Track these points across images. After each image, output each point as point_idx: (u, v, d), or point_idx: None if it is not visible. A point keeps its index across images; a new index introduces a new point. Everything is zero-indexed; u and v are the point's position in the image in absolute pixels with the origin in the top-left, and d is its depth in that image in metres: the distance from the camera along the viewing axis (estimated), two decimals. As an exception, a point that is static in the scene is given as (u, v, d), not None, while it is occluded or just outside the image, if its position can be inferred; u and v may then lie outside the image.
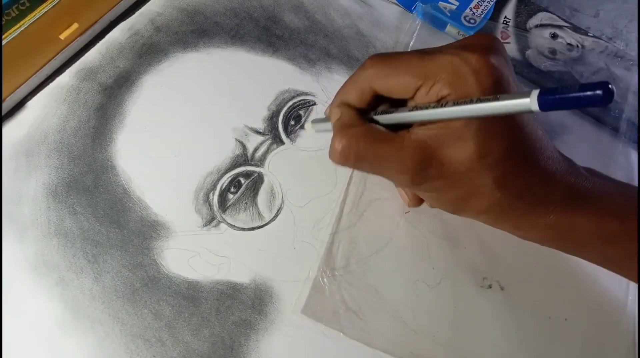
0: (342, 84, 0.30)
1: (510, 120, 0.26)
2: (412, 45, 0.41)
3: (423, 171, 0.27)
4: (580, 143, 0.29)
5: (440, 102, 0.25)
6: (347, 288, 0.33)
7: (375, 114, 0.29)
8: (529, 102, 0.20)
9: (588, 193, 0.28)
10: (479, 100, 0.23)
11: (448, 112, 0.24)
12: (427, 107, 0.26)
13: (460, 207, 0.29)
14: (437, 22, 0.42)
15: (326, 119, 0.32)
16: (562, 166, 0.28)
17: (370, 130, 0.28)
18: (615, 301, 0.34)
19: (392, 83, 0.27)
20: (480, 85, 0.25)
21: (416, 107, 0.26)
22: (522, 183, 0.27)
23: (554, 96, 0.19)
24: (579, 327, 0.33)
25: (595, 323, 0.33)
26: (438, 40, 0.41)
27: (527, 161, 0.27)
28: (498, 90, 0.25)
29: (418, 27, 0.41)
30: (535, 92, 0.20)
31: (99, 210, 0.34)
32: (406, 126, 0.28)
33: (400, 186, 0.34)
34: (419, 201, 0.34)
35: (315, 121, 0.34)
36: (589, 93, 0.18)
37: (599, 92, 0.18)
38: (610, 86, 0.17)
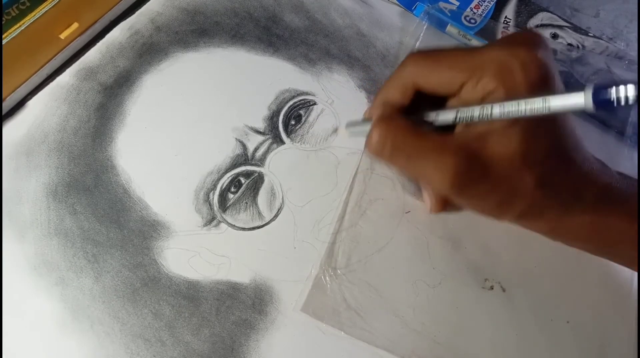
0: (382, 85, 0.30)
1: (553, 119, 0.26)
2: (418, 47, 0.41)
3: (466, 172, 0.25)
4: (586, 147, 0.29)
5: (487, 99, 0.25)
6: (348, 286, 0.33)
7: (417, 118, 0.28)
8: (583, 101, 0.20)
9: (621, 193, 0.28)
10: (530, 99, 0.23)
11: (498, 111, 0.24)
12: (475, 108, 0.25)
13: (502, 211, 0.28)
14: (437, 22, 0.42)
15: (363, 122, 0.31)
16: (596, 166, 0.28)
17: (411, 125, 0.27)
18: (618, 304, 0.34)
19: (438, 78, 0.27)
20: (527, 78, 0.25)
21: (464, 107, 0.26)
22: (560, 181, 0.27)
23: (608, 91, 0.19)
24: (581, 329, 0.33)
25: (597, 326, 0.33)
26: (443, 42, 0.41)
27: (566, 160, 0.27)
28: (545, 84, 0.25)
29: (424, 29, 0.41)
30: (589, 91, 0.20)
31: (99, 210, 0.34)
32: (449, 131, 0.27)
33: (436, 189, 0.32)
34: (443, 205, 0.33)
35: (350, 124, 0.33)
36: None
37: None
38: None
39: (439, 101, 0.28)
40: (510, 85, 0.25)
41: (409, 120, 0.27)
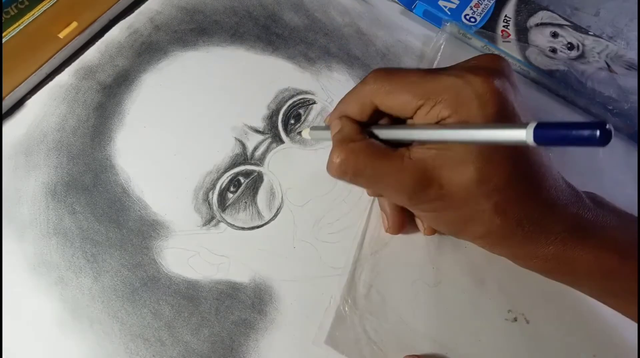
0: (344, 95, 0.30)
1: (514, 147, 0.25)
2: (439, 61, 0.39)
3: (422, 191, 0.26)
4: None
5: (439, 124, 0.25)
6: (368, 317, 0.32)
7: (374, 128, 0.28)
8: (524, 135, 0.19)
9: (590, 225, 0.27)
10: (477, 126, 0.23)
11: (445, 134, 0.24)
12: (425, 128, 0.25)
13: (458, 229, 0.28)
14: (438, 21, 0.41)
15: (326, 128, 0.32)
16: (565, 196, 0.27)
17: (370, 145, 0.27)
18: None
19: (393, 100, 0.27)
20: (482, 110, 0.24)
21: (415, 126, 0.26)
22: (522, 211, 0.26)
23: (551, 132, 0.19)
24: None
25: None
26: (463, 55, 0.40)
27: (529, 190, 0.26)
28: (501, 116, 0.24)
29: (443, 44, 0.40)
30: (531, 126, 0.19)
31: (98, 209, 0.34)
32: (406, 144, 0.27)
33: (396, 203, 0.32)
34: (433, 231, 0.33)
35: (314, 128, 0.34)
36: (586, 133, 0.17)
37: (595, 132, 0.17)
38: (607, 126, 0.17)
39: (398, 118, 0.28)
40: (464, 115, 0.24)
41: (367, 139, 0.27)
